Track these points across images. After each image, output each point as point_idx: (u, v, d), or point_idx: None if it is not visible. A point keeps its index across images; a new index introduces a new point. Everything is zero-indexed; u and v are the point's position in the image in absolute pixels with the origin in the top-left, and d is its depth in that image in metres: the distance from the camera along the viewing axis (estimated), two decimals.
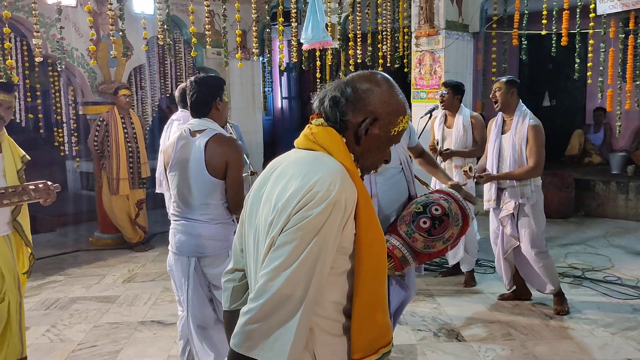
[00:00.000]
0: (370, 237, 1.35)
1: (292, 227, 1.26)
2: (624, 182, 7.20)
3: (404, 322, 4.04)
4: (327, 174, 1.29)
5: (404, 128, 1.45)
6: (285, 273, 1.24)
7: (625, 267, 5.17)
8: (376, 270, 1.38)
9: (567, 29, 5.16)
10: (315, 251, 1.25)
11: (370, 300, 1.37)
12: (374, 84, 1.42)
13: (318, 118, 1.44)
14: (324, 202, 1.25)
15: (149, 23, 5.25)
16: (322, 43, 4.49)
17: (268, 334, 1.24)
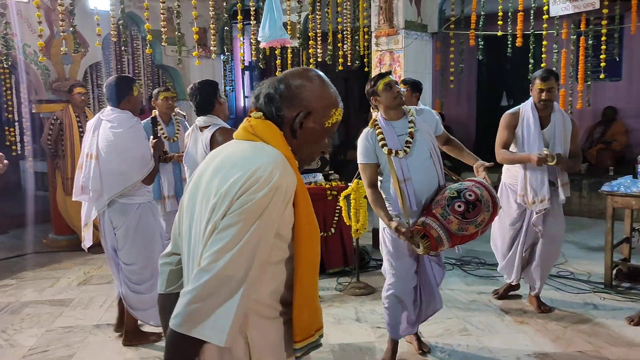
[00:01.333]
0: (308, 226, 1.43)
1: (236, 211, 1.32)
2: (578, 180, 7.41)
3: (363, 319, 4.07)
4: (269, 161, 1.36)
5: (337, 120, 1.54)
6: (229, 255, 1.30)
7: (577, 262, 5.32)
8: (313, 258, 1.46)
9: (521, 30, 5.28)
10: (257, 234, 1.32)
11: (310, 287, 1.46)
12: (305, 79, 1.50)
13: (256, 112, 1.50)
14: (266, 187, 1.32)
15: (106, 20, 5.13)
16: (280, 41, 4.47)
17: (209, 314, 1.30)
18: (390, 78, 3.17)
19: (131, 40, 7.67)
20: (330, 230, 5.08)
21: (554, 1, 5.17)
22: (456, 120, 9.87)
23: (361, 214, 4.54)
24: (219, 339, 1.30)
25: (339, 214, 4.97)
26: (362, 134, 3.19)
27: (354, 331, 3.88)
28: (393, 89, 3.12)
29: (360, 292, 4.58)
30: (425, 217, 2.94)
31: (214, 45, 4.65)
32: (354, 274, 4.76)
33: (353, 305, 4.35)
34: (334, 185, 5.11)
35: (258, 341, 1.44)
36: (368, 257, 5.39)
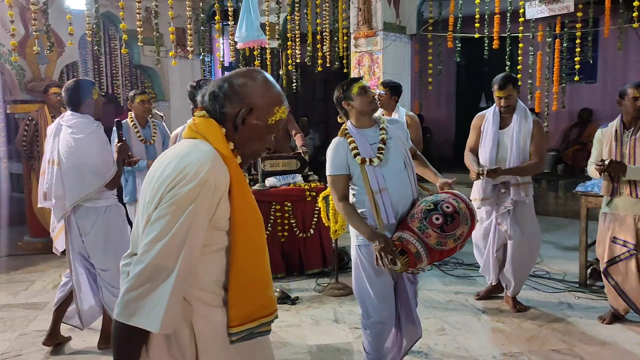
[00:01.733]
0: (244, 218, 1.51)
1: (165, 203, 1.40)
2: (554, 181, 7.52)
3: (342, 320, 4.07)
4: (198, 158, 1.44)
5: (281, 118, 1.60)
6: (159, 245, 1.38)
7: (553, 262, 5.40)
8: (252, 248, 1.55)
9: (498, 32, 5.34)
10: (186, 225, 1.40)
11: (246, 275, 1.53)
12: (248, 78, 1.58)
13: (201, 111, 1.59)
14: (193, 181, 1.40)
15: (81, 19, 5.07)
16: (257, 42, 4.46)
17: (144, 302, 1.38)
18: (364, 82, 3.02)
19: (109, 40, 7.59)
20: (309, 231, 5.08)
21: (530, 4, 5.24)
22: (436, 122, 9.95)
23: (340, 215, 4.55)
24: (153, 325, 1.37)
25: (318, 215, 4.98)
26: (331, 144, 2.97)
27: (332, 332, 3.88)
28: (368, 93, 2.95)
29: (339, 293, 4.59)
30: (402, 232, 2.71)
31: (191, 46, 4.62)
32: (333, 274, 4.77)
33: (332, 306, 4.35)
34: (313, 187, 5.12)
35: (203, 329, 1.51)
36: (347, 257, 5.39)
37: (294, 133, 5.54)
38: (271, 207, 4.97)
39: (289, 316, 4.17)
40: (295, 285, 4.83)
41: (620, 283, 3.79)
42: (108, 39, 7.61)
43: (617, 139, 3.74)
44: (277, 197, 4.99)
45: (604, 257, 3.85)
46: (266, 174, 5.07)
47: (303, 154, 5.34)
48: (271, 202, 4.97)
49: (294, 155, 5.35)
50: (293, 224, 5.04)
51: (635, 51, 7.91)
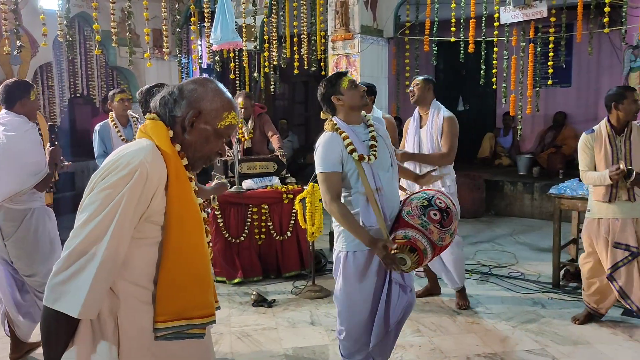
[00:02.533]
0: (180, 214, 1.54)
1: (95, 190, 1.45)
2: (530, 183, 7.62)
3: (318, 323, 4.07)
4: (134, 150, 1.50)
5: (231, 124, 1.65)
6: (85, 230, 1.42)
7: (528, 263, 5.47)
8: (186, 245, 1.56)
9: (474, 36, 5.40)
10: (113, 212, 1.43)
11: (178, 271, 1.53)
12: (198, 84, 1.64)
13: (152, 114, 1.64)
14: (125, 170, 1.45)
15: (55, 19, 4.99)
16: (232, 44, 4.45)
17: (68, 286, 1.40)
18: (351, 76, 2.87)
19: (84, 40, 7.49)
20: (286, 234, 5.07)
21: (505, 9, 5.32)
22: None
23: (316, 217, 4.55)
24: (73, 310, 1.39)
25: (295, 218, 4.97)
26: (323, 139, 2.74)
27: (308, 334, 3.88)
28: (358, 87, 2.80)
29: (315, 295, 4.58)
30: (404, 229, 2.61)
31: (166, 47, 4.58)
32: (309, 277, 4.76)
33: (308, 309, 4.35)
34: (290, 189, 5.11)
35: (128, 324, 1.52)
36: (324, 260, 5.40)
37: (271, 135, 5.52)
38: (248, 210, 4.95)
39: (265, 319, 4.15)
40: (272, 288, 4.82)
41: (624, 287, 3.73)
42: (83, 39, 7.51)
43: (610, 143, 3.71)
44: (254, 200, 4.97)
45: (607, 263, 3.77)
46: (243, 176, 5.05)
47: (280, 156, 5.33)
48: (248, 205, 4.95)
49: (271, 157, 5.34)
50: (270, 227, 5.02)
51: (608, 55, 8.06)
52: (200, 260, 1.61)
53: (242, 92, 5.65)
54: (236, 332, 3.92)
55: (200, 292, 1.60)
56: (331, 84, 2.79)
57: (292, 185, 5.20)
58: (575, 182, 4.79)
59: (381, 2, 5.84)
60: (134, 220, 1.48)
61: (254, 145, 5.57)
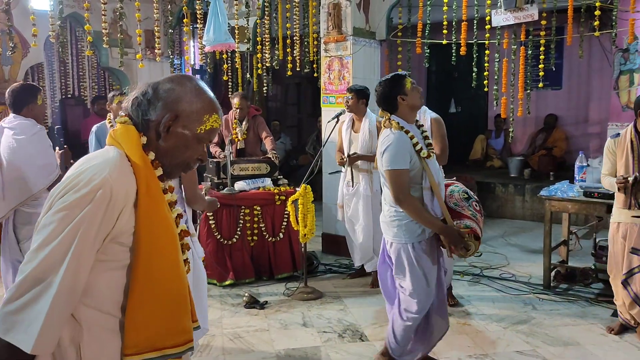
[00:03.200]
0: (151, 234, 1.38)
1: (53, 210, 1.30)
2: (521, 185, 7.67)
3: (310, 324, 4.07)
4: (98, 164, 1.35)
5: (213, 127, 1.49)
6: (40, 255, 1.26)
7: (519, 265, 5.50)
8: (159, 268, 1.39)
9: (465, 39, 5.42)
10: (71, 236, 1.27)
11: (149, 298, 1.38)
12: (176, 84, 1.47)
13: (124, 117, 1.49)
14: (85, 188, 1.30)
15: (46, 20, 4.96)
16: (225, 45, 4.44)
17: (21, 317, 1.25)
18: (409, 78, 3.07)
19: (76, 41, 7.45)
20: (278, 236, 5.07)
21: (496, 12, 5.34)
22: None
23: (309, 219, 4.55)
24: (25, 344, 1.24)
25: (287, 219, 4.97)
26: (392, 138, 2.88)
27: (300, 336, 3.88)
28: (418, 88, 3.02)
29: (308, 297, 4.58)
30: (462, 220, 2.91)
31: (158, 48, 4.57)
32: (302, 279, 4.76)
33: (300, 310, 4.35)
34: (282, 190, 5.11)
35: (91, 354, 1.36)
36: (317, 261, 5.41)
37: (264, 136, 5.53)
38: (240, 211, 4.95)
39: (257, 320, 4.15)
40: (264, 290, 4.82)
41: (638, 293, 3.66)
42: (75, 40, 7.47)
43: (633, 150, 3.59)
44: (246, 201, 4.97)
45: (622, 269, 3.72)
46: (235, 178, 5.05)
47: (273, 158, 5.33)
48: (240, 206, 4.95)
49: (264, 159, 5.34)
50: (262, 228, 5.02)
51: (598, 58, 8.13)
52: (174, 284, 1.44)
53: (238, 92, 5.66)
54: (228, 333, 3.92)
55: (175, 318, 1.43)
56: (396, 83, 2.96)
57: (284, 187, 5.20)
58: (565, 184, 4.82)
59: (373, 4, 5.86)
60: (95, 244, 1.32)
61: (247, 146, 5.58)
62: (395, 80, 2.96)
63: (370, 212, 4.81)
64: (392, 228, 3.02)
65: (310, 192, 4.57)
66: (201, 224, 4.83)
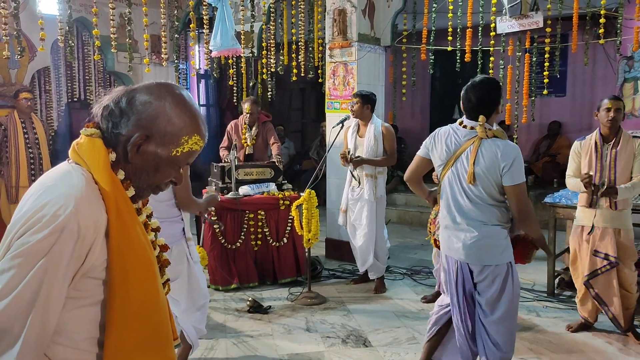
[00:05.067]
0: (125, 265, 1.23)
1: (12, 254, 1.13)
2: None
3: (313, 329, 4.08)
4: (61, 195, 1.17)
5: (192, 150, 1.31)
6: (1, 305, 1.11)
7: (522, 272, 5.45)
8: (136, 301, 1.25)
9: (470, 46, 5.44)
10: (35, 282, 1.12)
11: (127, 334, 1.24)
12: (155, 96, 1.28)
13: (91, 127, 1.31)
14: (48, 228, 1.13)
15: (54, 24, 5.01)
16: (231, 51, 4.47)
17: None
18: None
19: (82, 45, 7.50)
20: (282, 240, 5.08)
21: (501, 19, 5.36)
22: (410, 133, 10.05)
23: (313, 224, 4.56)
24: None
25: (291, 224, 4.98)
26: (515, 149, 2.79)
27: (304, 341, 3.88)
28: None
29: (311, 302, 4.59)
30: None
31: (165, 53, 4.60)
32: (305, 284, 4.76)
33: (304, 315, 4.35)
34: (286, 195, 5.12)
35: None
36: (320, 266, 5.41)
37: (271, 142, 5.56)
38: (244, 216, 4.96)
39: (260, 325, 4.16)
40: (268, 294, 4.82)
41: (601, 294, 3.82)
42: (81, 44, 7.52)
43: (597, 150, 3.80)
44: (251, 206, 4.98)
45: (585, 270, 3.86)
46: (240, 183, 5.06)
47: (277, 162, 5.35)
48: (244, 211, 4.96)
49: (268, 163, 5.36)
50: (266, 233, 5.03)
51: (603, 66, 8.13)
52: (155, 315, 1.30)
53: (249, 98, 5.67)
54: (232, 338, 3.92)
55: (156, 351, 1.30)
56: (499, 87, 2.87)
57: (288, 192, 5.22)
58: (570, 191, 4.81)
59: (379, 10, 5.88)
60: (65, 284, 1.17)
61: (256, 152, 5.61)
62: (497, 84, 2.89)
63: (374, 218, 4.82)
64: (500, 248, 2.80)
65: (314, 197, 4.58)
66: (205, 229, 4.84)
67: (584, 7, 5.48)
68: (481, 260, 2.80)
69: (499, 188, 2.76)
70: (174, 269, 3.04)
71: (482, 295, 2.84)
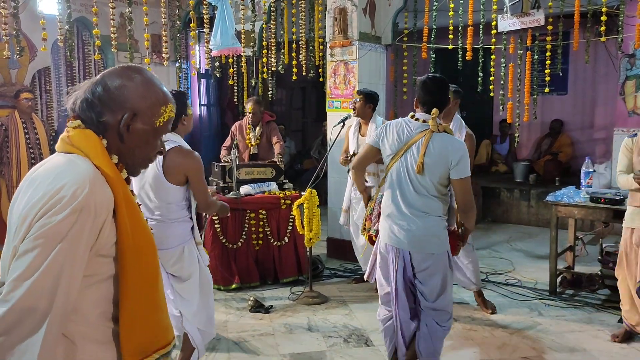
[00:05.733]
0: (134, 241, 1.35)
1: (34, 235, 1.20)
2: (526, 190, 7.64)
3: (315, 329, 4.07)
4: (75, 179, 1.26)
5: (170, 118, 1.47)
6: (26, 284, 1.18)
7: (525, 270, 5.47)
8: (145, 273, 1.39)
9: (471, 44, 5.42)
10: (59, 260, 1.20)
11: (139, 305, 1.37)
12: (125, 79, 1.39)
13: (74, 120, 1.39)
14: (68, 208, 1.22)
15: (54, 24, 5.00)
16: (232, 50, 4.45)
17: (12, 349, 1.17)
18: None
19: (82, 45, 7.49)
20: (283, 240, 5.07)
21: (502, 17, 5.34)
22: None
23: (314, 223, 4.55)
24: None
25: (293, 223, 4.97)
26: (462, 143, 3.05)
27: (306, 341, 3.87)
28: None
29: (313, 302, 4.58)
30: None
31: (165, 53, 4.59)
32: (307, 283, 4.76)
33: (305, 315, 4.34)
34: (287, 195, 5.11)
35: None
36: (322, 266, 5.40)
37: (274, 141, 5.55)
38: (245, 215, 4.95)
39: (262, 325, 4.15)
40: (270, 294, 4.81)
41: None
42: (82, 44, 7.51)
43: None
44: (252, 205, 4.97)
45: (637, 276, 3.58)
46: (241, 182, 5.05)
47: (278, 162, 5.34)
48: (245, 210, 4.95)
49: (269, 163, 5.35)
50: (267, 232, 5.02)
51: (604, 64, 8.10)
52: (156, 285, 1.44)
53: (252, 98, 5.66)
54: (233, 337, 3.92)
55: (161, 319, 1.45)
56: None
57: (289, 191, 5.21)
58: (571, 189, 4.81)
59: (379, 9, 5.87)
60: (83, 262, 1.26)
61: (260, 151, 5.60)
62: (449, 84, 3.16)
63: None
64: (441, 239, 2.96)
65: (315, 197, 4.57)
66: (206, 229, 4.84)
67: (586, 5, 5.46)
68: (424, 249, 2.93)
69: (444, 180, 2.90)
70: (187, 269, 3.02)
71: (425, 283, 2.97)
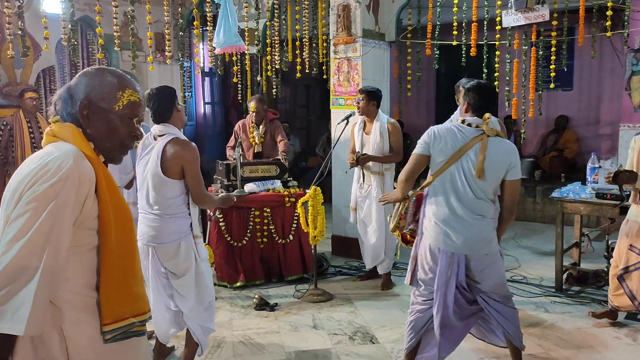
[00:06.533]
0: (114, 215, 1.51)
1: (25, 200, 1.37)
2: (532, 186, 7.61)
3: (320, 326, 4.07)
4: (60, 154, 1.44)
5: (132, 101, 1.61)
6: (19, 244, 1.33)
7: (530, 267, 5.45)
8: (123, 245, 1.55)
9: (475, 40, 5.39)
10: (48, 222, 1.36)
11: (118, 272, 1.53)
12: (82, 75, 1.61)
13: (55, 117, 1.60)
14: (55, 176, 1.39)
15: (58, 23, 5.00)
16: (235, 48, 4.45)
17: (6, 305, 1.31)
18: None
19: (86, 44, 7.50)
20: (288, 237, 5.07)
21: (507, 13, 5.31)
22: (415, 128, 10.00)
23: (319, 221, 4.55)
24: (17, 329, 1.31)
25: (297, 221, 4.97)
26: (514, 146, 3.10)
27: (311, 338, 3.87)
28: None
29: (318, 299, 4.58)
30: None
31: (169, 51, 4.59)
32: (312, 281, 4.75)
33: (310, 312, 4.34)
34: (292, 192, 5.11)
35: (74, 334, 1.47)
36: (327, 263, 5.40)
37: (279, 139, 5.54)
38: (250, 213, 4.95)
39: (267, 322, 4.15)
40: (274, 292, 4.81)
41: (634, 291, 3.71)
42: (86, 43, 7.52)
43: None
44: (256, 203, 4.97)
45: (620, 264, 3.81)
46: (245, 180, 5.05)
47: (282, 159, 5.33)
48: (250, 208, 4.95)
49: (274, 161, 5.34)
50: (272, 230, 5.02)
51: (610, 59, 8.06)
52: (134, 257, 1.61)
53: (255, 96, 5.65)
54: (238, 335, 3.92)
55: (137, 288, 1.60)
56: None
57: (294, 189, 5.20)
58: (577, 185, 4.78)
59: (383, 5, 5.84)
60: (70, 225, 1.42)
61: (265, 149, 5.60)
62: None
63: (382, 214, 4.78)
64: (494, 239, 3.06)
65: (320, 194, 4.57)
66: (211, 226, 4.84)
67: (591, 0, 5.42)
68: (481, 251, 2.98)
69: (499, 183, 2.99)
70: (182, 265, 3.04)
71: (485, 281, 3.06)
